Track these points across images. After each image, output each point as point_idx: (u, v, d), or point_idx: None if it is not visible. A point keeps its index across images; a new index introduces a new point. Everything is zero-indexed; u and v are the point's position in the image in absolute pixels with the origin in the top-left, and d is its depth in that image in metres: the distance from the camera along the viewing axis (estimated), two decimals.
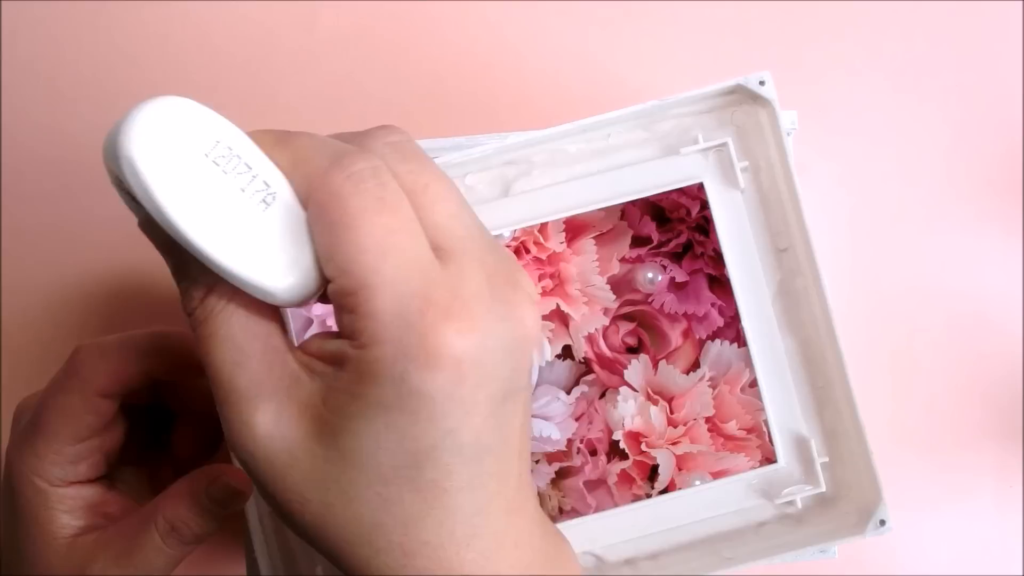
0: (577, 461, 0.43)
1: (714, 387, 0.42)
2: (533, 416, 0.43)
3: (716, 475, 0.42)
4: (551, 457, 0.43)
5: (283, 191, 0.24)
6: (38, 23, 0.50)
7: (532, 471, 0.43)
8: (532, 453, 0.43)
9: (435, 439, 0.23)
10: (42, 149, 0.49)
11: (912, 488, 0.50)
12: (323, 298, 0.25)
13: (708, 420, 0.42)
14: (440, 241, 0.24)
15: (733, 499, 0.39)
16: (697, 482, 0.41)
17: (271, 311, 0.25)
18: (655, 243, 0.43)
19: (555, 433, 0.42)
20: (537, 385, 0.44)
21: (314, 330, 0.42)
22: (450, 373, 0.22)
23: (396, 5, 0.51)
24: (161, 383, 0.38)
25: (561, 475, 0.44)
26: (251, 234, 0.24)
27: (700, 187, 0.37)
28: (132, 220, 0.26)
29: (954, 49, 0.52)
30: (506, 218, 0.37)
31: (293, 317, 0.39)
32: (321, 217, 0.23)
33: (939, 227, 0.51)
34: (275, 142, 0.25)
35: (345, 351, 0.23)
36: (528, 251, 0.41)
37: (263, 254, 0.24)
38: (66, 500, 0.34)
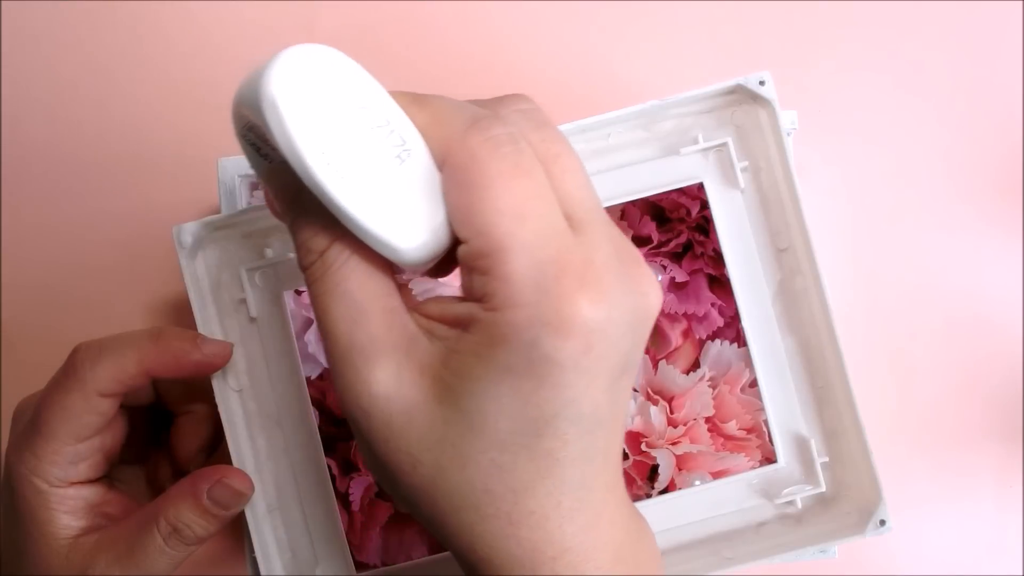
0: None
1: (714, 387, 0.42)
2: None
3: (716, 475, 0.42)
4: None
5: (419, 149, 0.24)
6: (38, 23, 0.50)
7: None
8: None
9: (557, 408, 0.23)
10: (42, 149, 0.49)
11: (912, 488, 0.50)
12: (438, 266, 0.25)
13: (708, 420, 0.42)
14: (571, 211, 0.24)
15: (733, 499, 0.39)
16: (697, 482, 0.41)
17: (388, 271, 0.25)
18: (655, 243, 0.43)
19: None
20: None
21: (315, 331, 0.42)
22: (579, 342, 0.22)
23: (396, 5, 0.51)
24: (160, 382, 0.38)
25: None
26: (385, 189, 0.23)
27: (700, 187, 0.37)
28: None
29: (954, 49, 0.52)
30: None
31: (292, 318, 0.39)
32: (459, 178, 0.23)
33: (939, 227, 0.51)
34: (412, 101, 0.25)
35: (474, 314, 0.23)
36: None
37: (395, 210, 0.23)
38: (66, 500, 0.34)
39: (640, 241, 0.43)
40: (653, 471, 0.42)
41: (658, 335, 0.44)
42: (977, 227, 0.51)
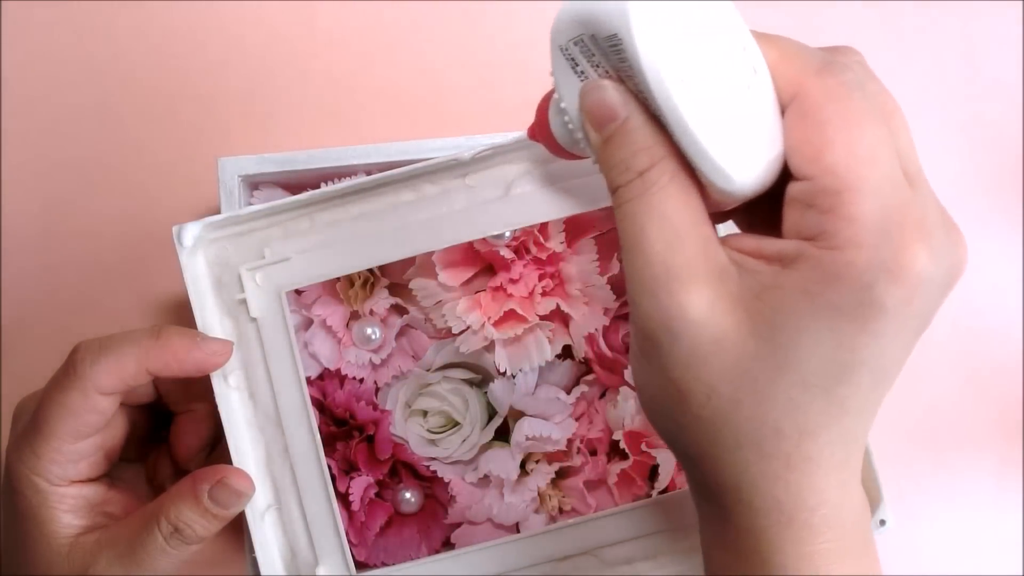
0: (577, 461, 0.43)
1: None
2: (532, 416, 0.43)
3: None
4: (551, 457, 0.43)
5: (765, 80, 0.24)
6: (38, 23, 0.50)
7: (532, 471, 0.43)
8: (532, 453, 0.44)
9: (867, 355, 0.23)
10: (42, 148, 0.49)
11: (912, 488, 0.50)
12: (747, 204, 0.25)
13: None
14: (905, 165, 0.24)
15: None
16: None
17: (702, 199, 0.25)
18: None
19: (555, 433, 0.42)
20: (537, 385, 0.44)
21: (315, 331, 0.42)
22: (908, 292, 0.22)
23: (396, 5, 0.51)
24: (161, 381, 0.38)
25: (561, 475, 0.44)
26: (730, 115, 0.23)
27: None
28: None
29: (954, 49, 0.52)
30: (506, 218, 0.37)
31: (292, 317, 0.39)
32: (812, 116, 0.23)
33: None
34: (760, 36, 0.25)
35: (802, 251, 0.23)
36: (528, 251, 0.41)
37: (735, 138, 0.23)
38: (67, 499, 0.34)
39: None
40: (653, 471, 0.42)
41: None
42: (977, 227, 0.51)
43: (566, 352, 0.44)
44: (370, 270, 0.42)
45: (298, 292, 0.43)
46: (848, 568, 0.25)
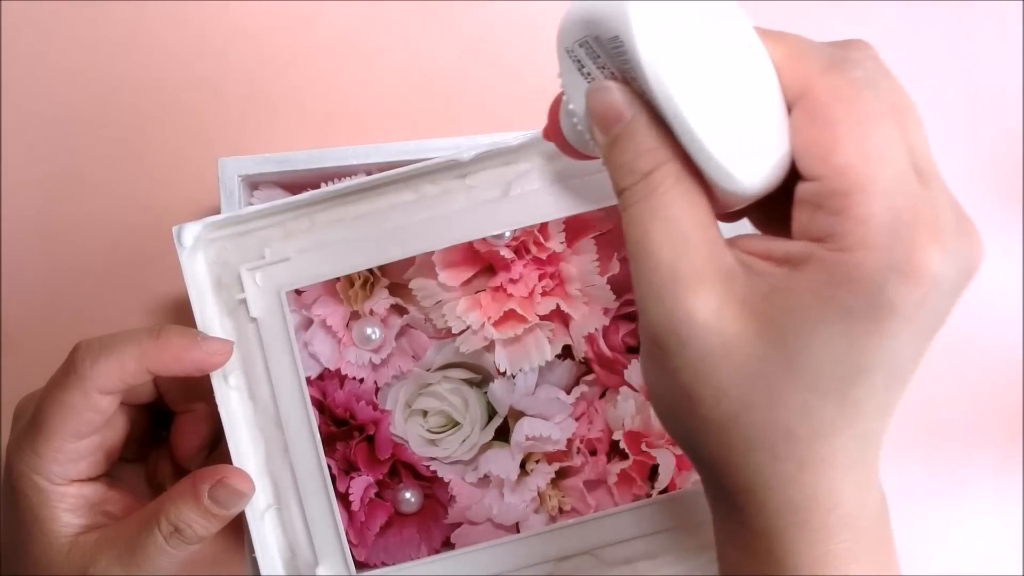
0: (577, 461, 0.43)
1: None
2: (532, 416, 0.43)
3: None
4: (551, 457, 0.43)
5: (771, 81, 0.24)
6: (38, 23, 0.50)
7: (532, 471, 0.43)
8: (532, 453, 0.44)
9: (881, 357, 0.23)
10: (42, 149, 0.49)
11: (912, 488, 0.50)
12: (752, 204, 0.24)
13: None
14: (917, 163, 0.24)
15: None
16: (697, 482, 0.41)
17: (708, 201, 0.24)
18: None
19: (555, 433, 0.42)
20: (537, 385, 0.44)
21: (315, 331, 0.42)
22: (921, 293, 0.22)
23: (395, 5, 0.51)
24: (161, 380, 0.38)
25: (561, 475, 0.44)
26: (734, 116, 0.23)
27: None
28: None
29: (954, 50, 0.52)
30: (506, 218, 0.37)
31: (292, 317, 0.39)
32: (820, 115, 0.23)
33: None
34: (766, 34, 0.24)
35: (811, 252, 0.23)
36: (528, 251, 0.41)
37: (740, 139, 0.23)
38: (67, 498, 0.34)
39: None
40: (653, 471, 0.42)
41: None
42: (977, 227, 0.51)
43: (566, 352, 0.44)
44: (370, 270, 0.42)
45: (298, 292, 0.43)
46: (864, 568, 0.25)
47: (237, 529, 0.39)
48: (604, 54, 0.24)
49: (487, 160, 0.37)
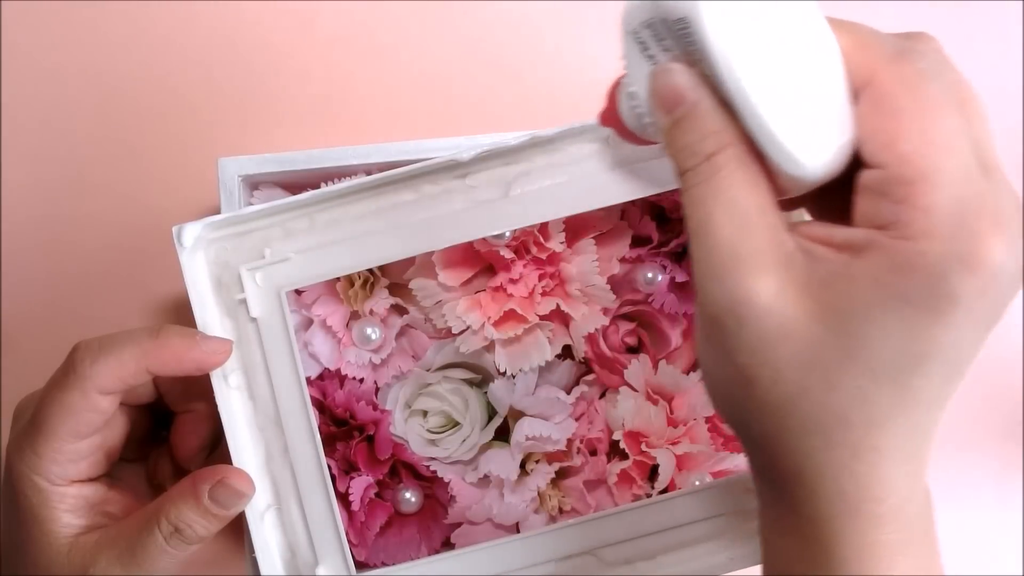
0: (577, 461, 0.43)
1: None
2: (532, 416, 0.43)
3: (716, 475, 0.42)
4: (551, 457, 0.43)
5: (837, 67, 0.24)
6: (38, 23, 0.50)
7: (532, 471, 0.43)
8: (532, 453, 0.44)
9: (939, 347, 0.23)
10: (42, 149, 0.49)
11: None
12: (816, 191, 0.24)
13: (708, 420, 0.42)
14: (981, 155, 0.24)
15: (733, 499, 0.39)
16: (697, 482, 0.41)
17: (769, 185, 0.25)
18: (655, 243, 0.43)
19: (555, 433, 0.42)
20: (537, 385, 0.44)
21: (315, 331, 0.42)
22: (983, 284, 0.22)
23: (395, 5, 0.51)
24: (161, 380, 0.38)
25: (561, 475, 0.44)
26: (800, 100, 0.23)
27: None
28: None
29: (954, 49, 0.52)
30: (506, 218, 0.37)
31: (292, 317, 0.39)
32: (887, 103, 0.23)
33: None
34: (835, 21, 0.24)
35: (873, 240, 0.23)
36: (528, 251, 0.41)
37: (806, 124, 0.23)
38: (67, 499, 0.34)
39: (640, 241, 0.43)
40: (653, 471, 0.42)
41: (658, 335, 0.44)
42: None
43: (566, 352, 0.44)
44: (370, 270, 0.42)
45: (298, 292, 0.43)
46: (911, 560, 0.25)
47: (237, 529, 0.39)
48: (670, 36, 0.24)
49: (487, 160, 0.37)
